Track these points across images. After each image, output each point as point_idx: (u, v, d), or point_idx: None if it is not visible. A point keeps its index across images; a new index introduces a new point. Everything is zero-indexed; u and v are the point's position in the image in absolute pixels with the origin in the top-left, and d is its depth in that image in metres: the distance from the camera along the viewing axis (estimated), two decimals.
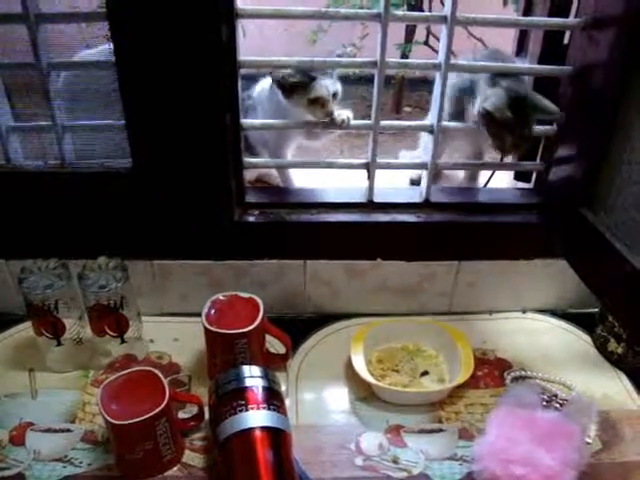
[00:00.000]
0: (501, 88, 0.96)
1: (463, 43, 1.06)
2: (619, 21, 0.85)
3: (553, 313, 1.18)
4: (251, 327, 0.94)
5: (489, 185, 1.16)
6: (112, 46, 0.87)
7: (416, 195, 1.09)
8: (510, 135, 0.96)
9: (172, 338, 1.09)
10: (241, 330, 0.93)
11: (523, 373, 1.03)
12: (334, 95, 1.00)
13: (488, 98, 0.95)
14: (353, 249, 1.08)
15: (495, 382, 1.02)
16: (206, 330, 0.95)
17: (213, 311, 0.97)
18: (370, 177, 1.05)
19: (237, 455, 0.78)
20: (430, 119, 1.03)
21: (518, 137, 0.96)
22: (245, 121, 0.99)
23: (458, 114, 1.04)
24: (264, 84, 1.09)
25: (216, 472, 0.84)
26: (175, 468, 0.85)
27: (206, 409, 0.88)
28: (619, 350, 1.04)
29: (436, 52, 0.97)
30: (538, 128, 1.00)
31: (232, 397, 0.82)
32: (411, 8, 3.17)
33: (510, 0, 2.69)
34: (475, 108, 0.99)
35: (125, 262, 0.98)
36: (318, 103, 0.99)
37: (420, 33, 3.61)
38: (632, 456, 0.89)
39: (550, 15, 1.00)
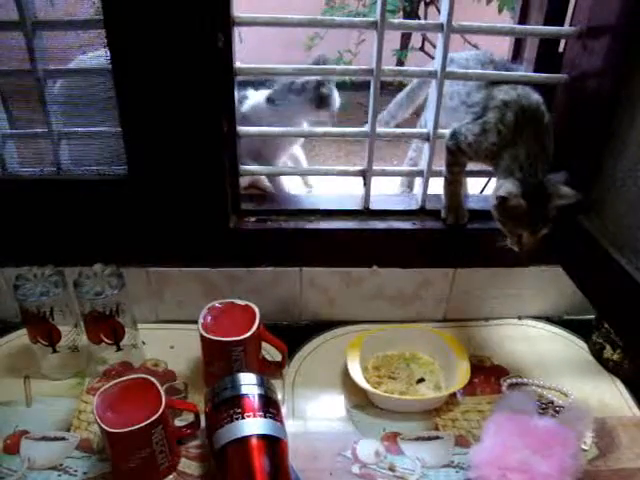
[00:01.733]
0: (514, 178, 0.90)
1: (459, 49, 1.06)
2: (613, 30, 0.86)
3: (549, 320, 1.18)
4: (247, 334, 0.94)
5: (485, 192, 1.16)
6: (108, 52, 0.87)
7: (412, 202, 1.09)
8: (526, 229, 0.92)
9: (168, 345, 1.08)
10: (237, 337, 0.93)
11: (519, 380, 1.03)
12: None
13: (502, 186, 0.90)
14: (349, 256, 1.08)
15: (491, 389, 1.02)
16: (202, 337, 0.95)
17: (209, 318, 0.97)
18: (366, 184, 1.05)
19: (233, 463, 0.78)
20: (425, 126, 1.03)
21: (534, 230, 0.92)
22: (241, 128, 0.99)
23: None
24: (256, 98, 1.11)
25: None
26: (171, 476, 0.85)
27: (202, 417, 0.88)
28: (615, 357, 1.05)
29: (432, 58, 0.98)
30: None
31: (228, 405, 0.81)
32: (407, 15, 3.19)
33: (505, 7, 2.70)
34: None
35: (121, 269, 0.98)
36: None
37: (416, 39, 3.62)
38: (628, 463, 0.89)
39: (545, 23, 1.01)
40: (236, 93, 0.95)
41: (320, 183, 1.29)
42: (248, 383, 0.84)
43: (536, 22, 1.04)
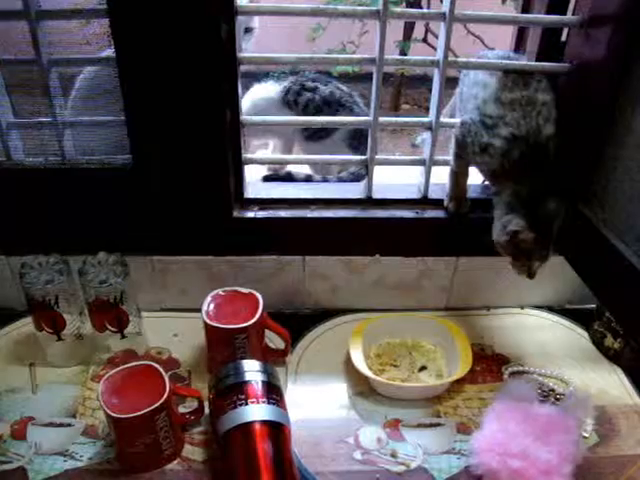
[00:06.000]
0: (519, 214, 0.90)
1: (462, 41, 1.06)
2: (616, 18, 0.86)
3: (551, 309, 1.19)
4: (250, 322, 0.94)
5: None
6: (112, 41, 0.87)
7: (414, 191, 1.09)
8: (538, 259, 0.93)
9: (172, 333, 1.09)
10: (240, 325, 0.94)
11: (521, 368, 1.04)
12: None
13: (510, 221, 0.90)
14: (352, 245, 1.08)
15: (493, 377, 1.02)
16: (206, 325, 0.95)
17: (213, 306, 0.98)
18: (369, 173, 1.05)
19: (237, 448, 0.79)
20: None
21: (546, 258, 0.93)
22: (245, 117, 1.00)
23: None
24: None
25: (216, 466, 0.85)
26: (175, 462, 0.86)
27: (206, 403, 0.89)
28: (616, 345, 1.05)
29: (435, 49, 0.98)
30: None
31: (232, 391, 0.83)
32: (409, 5, 3.17)
33: None
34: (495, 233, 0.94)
35: (125, 258, 0.99)
36: None
37: (419, 30, 3.61)
38: (628, 450, 0.89)
39: (548, 12, 1.01)
40: None
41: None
42: (251, 370, 0.85)
43: (539, 13, 1.04)
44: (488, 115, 0.93)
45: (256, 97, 1.47)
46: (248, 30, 1.31)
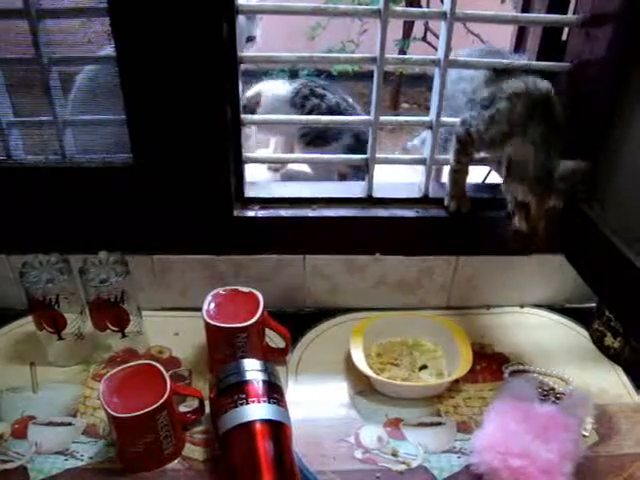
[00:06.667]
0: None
1: (461, 39, 1.06)
2: (617, 18, 0.86)
3: (551, 308, 1.19)
4: (251, 321, 0.94)
5: (487, 180, 1.17)
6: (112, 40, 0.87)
7: (415, 190, 1.09)
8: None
9: (172, 332, 1.09)
10: (241, 324, 0.94)
11: (521, 367, 1.04)
12: None
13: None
14: (352, 244, 1.08)
15: (493, 376, 1.02)
16: (206, 324, 0.95)
17: (213, 305, 0.98)
18: (369, 172, 1.05)
19: (238, 448, 0.78)
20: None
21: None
22: (245, 116, 1.00)
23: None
24: None
25: (217, 465, 0.85)
26: (176, 461, 0.86)
27: (207, 403, 0.89)
28: (615, 344, 1.05)
29: (434, 48, 0.98)
30: None
31: (233, 390, 0.82)
32: (409, 4, 3.17)
33: None
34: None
35: (125, 257, 0.99)
36: None
37: (418, 29, 3.61)
38: (628, 449, 0.89)
39: (548, 11, 1.01)
40: None
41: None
42: (252, 369, 0.85)
43: (539, 12, 1.04)
44: (485, 97, 0.94)
45: (270, 94, 1.47)
46: (250, 39, 1.31)
